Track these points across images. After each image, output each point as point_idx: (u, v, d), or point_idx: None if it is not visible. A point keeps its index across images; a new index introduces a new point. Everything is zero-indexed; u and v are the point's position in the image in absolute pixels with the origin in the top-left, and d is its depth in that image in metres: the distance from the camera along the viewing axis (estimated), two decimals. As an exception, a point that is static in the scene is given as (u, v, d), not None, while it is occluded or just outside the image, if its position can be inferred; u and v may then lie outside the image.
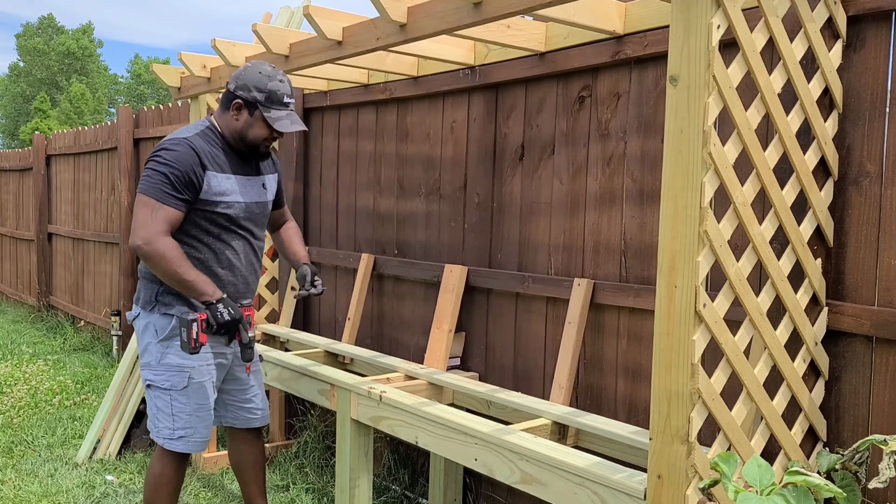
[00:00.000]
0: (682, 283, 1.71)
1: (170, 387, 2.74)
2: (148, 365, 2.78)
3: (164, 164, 2.63)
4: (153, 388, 2.78)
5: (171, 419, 2.76)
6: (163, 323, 2.75)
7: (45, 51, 49.61)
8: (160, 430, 2.77)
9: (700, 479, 1.75)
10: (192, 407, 2.77)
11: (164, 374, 2.75)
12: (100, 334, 7.38)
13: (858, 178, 2.12)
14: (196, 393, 2.77)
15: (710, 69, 1.66)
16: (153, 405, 2.79)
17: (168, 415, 2.76)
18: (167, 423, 2.76)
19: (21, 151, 9.81)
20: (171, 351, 2.74)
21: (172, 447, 2.77)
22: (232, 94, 2.74)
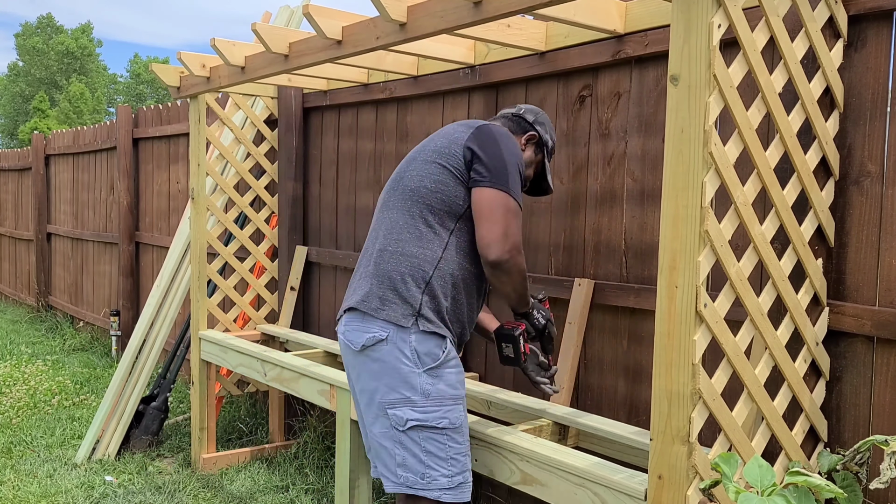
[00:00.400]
0: (683, 282, 1.70)
1: (447, 425, 2.21)
2: (408, 401, 2.20)
3: (517, 162, 2.27)
4: (421, 429, 2.20)
5: (448, 464, 2.22)
6: (428, 346, 2.22)
7: (45, 50, 49.61)
8: (435, 481, 2.20)
9: (701, 479, 1.75)
10: (467, 445, 2.28)
11: (439, 411, 2.21)
12: (99, 334, 7.37)
13: (859, 178, 2.12)
14: (466, 427, 2.30)
15: (711, 68, 1.65)
16: (420, 450, 2.20)
17: (445, 460, 2.21)
18: (445, 471, 2.21)
19: (20, 151, 9.80)
20: (441, 381, 2.22)
21: (452, 498, 2.22)
22: (530, 125, 2.48)
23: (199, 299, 4.09)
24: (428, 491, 2.20)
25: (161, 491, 3.79)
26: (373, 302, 2.27)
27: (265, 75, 3.34)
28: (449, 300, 2.28)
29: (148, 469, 4.12)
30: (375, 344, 2.24)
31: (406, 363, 2.21)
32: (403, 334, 2.22)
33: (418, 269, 2.25)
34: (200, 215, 4.09)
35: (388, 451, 2.25)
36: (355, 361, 2.31)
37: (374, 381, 2.26)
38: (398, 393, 2.21)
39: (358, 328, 2.28)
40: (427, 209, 2.28)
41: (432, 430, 2.21)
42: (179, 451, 4.40)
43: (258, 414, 4.71)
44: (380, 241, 2.33)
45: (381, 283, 2.27)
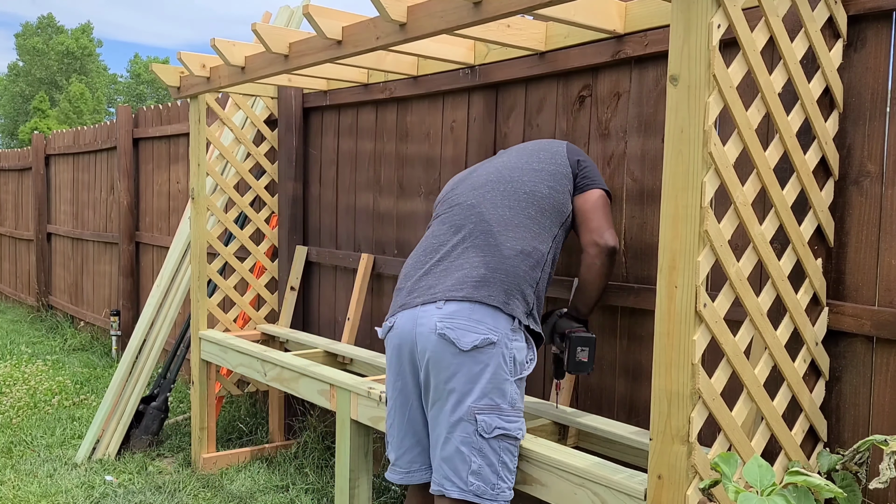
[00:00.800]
0: (683, 282, 1.70)
1: (521, 436, 2.20)
2: (497, 409, 2.14)
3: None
4: (504, 438, 2.16)
5: (513, 476, 2.21)
6: (524, 354, 2.21)
7: (45, 50, 49.61)
8: (502, 493, 2.16)
9: (700, 479, 1.75)
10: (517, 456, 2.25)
11: (518, 422, 2.19)
12: (99, 334, 7.37)
13: (859, 178, 2.12)
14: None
15: (711, 69, 1.65)
16: (497, 460, 2.15)
17: (512, 472, 2.20)
18: (510, 483, 2.19)
19: (20, 151, 9.80)
20: (522, 390, 2.22)
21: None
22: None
23: (200, 299, 4.09)
24: (495, 502, 2.16)
25: (161, 491, 3.79)
26: (498, 295, 2.16)
27: (265, 75, 3.34)
28: (540, 305, 2.30)
29: (148, 469, 4.13)
30: (486, 346, 2.13)
31: (505, 370, 2.15)
32: (510, 338, 2.16)
33: (533, 269, 2.25)
34: (200, 215, 4.09)
35: (465, 457, 2.15)
36: (453, 360, 2.15)
37: (470, 383, 2.14)
38: (490, 399, 2.14)
39: (465, 326, 2.14)
40: (540, 213, 2.33)
41: (513, 440, 2.18)
42: (179, 450, 4.40)
43: (258, 414, 4.72)
44: (493, 236, 2.28)
45: (506, 277, 2.18)
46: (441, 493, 2.17)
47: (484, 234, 2.29)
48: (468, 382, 2.14)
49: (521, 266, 2.23)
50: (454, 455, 2.16)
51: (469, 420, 2.14)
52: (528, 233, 2.28)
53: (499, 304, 2.17)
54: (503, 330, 2.15)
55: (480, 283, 2.20)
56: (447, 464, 2.17)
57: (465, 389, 2.14)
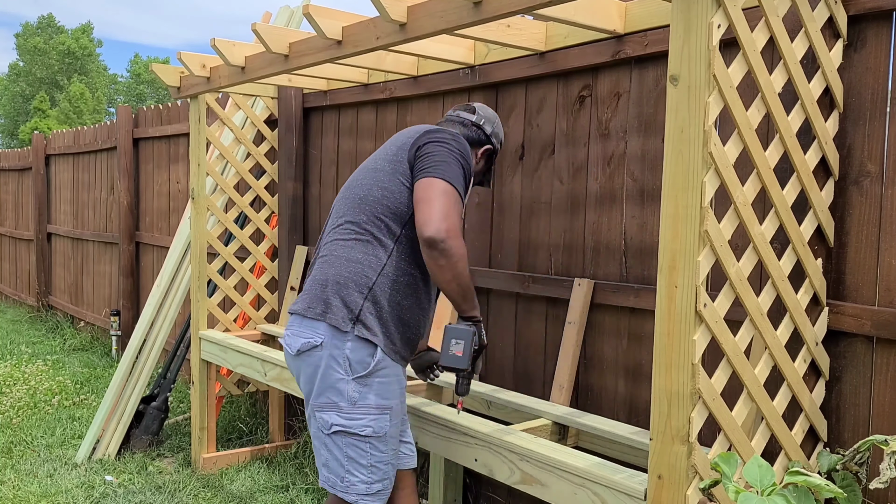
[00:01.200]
0: (683, 282, 1.70)
1: (371, 433, 2.25)
2: (335, 406, 2.25)
3: (461, 157, 2.28)
4: (345, 435, 2.25)
5: (369, 471, 2.27)
6: (360, 354, 2.24)
7: (45, 50, 49.61)
8: (353, 486, 2.27)
9: (700, 479, 1.75)
10: (390, 454, 2.32)
11: (364, 419, 2.25)
12: (99, 334, 7.38)
13: (859, 178, 2.12)
14: (393, 438, 2.32)
15: (711, 69, 1.65)
16: (342, 455, 2.26)
17: (366, 467, 2.27)
18: (363, 477, 2.26)
19: (20, 151, 9.80)
20: (369, 390, 2.25)
21: (370, 502, 2.29)
22: (487, 138, 2.52)
23: (200, 299, 4.09)
24: (346, 494, 2.27)
25: (161, 490, 3.79)
26: (317, 306, 2.28)
27: (265, 75, 3.34)
28: (393, 306, 2.27)
29: (148, 469, 4.13)
30: (311, 350, 2.26)
31: (338, 370, 2.24)
32: (339, 341, 2.23)
33: (362, 275, 2.26)
34: (200, 215, 4.09)
35: (317, 449, 2.33)
36: (293, 364, 2.37)
37: (307, 384, 2.31)
38: (326, 397, 2.26)
39: (296, 332, 2.31)
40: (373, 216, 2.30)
41: (355, 436, 2.25)
42: (180, 450, 4.40)
43: (258, 414, 4.72)
44: (326, 247, 2.36)
45: (325, 288, 2.28)
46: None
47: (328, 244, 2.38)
48: (307, 383, 2.32)
49: (346, 272, 2.27)
50: (314, 448, 2.37)
51: (313, 416, 2.31)
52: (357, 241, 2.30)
53: (316, 314, 2.27)
54: (326, 334, 2.24)
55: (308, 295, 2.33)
56: (315, 452, 2.39)
57: (307, 389, 2.33)
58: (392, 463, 2.34)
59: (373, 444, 2.27)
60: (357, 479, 2.27)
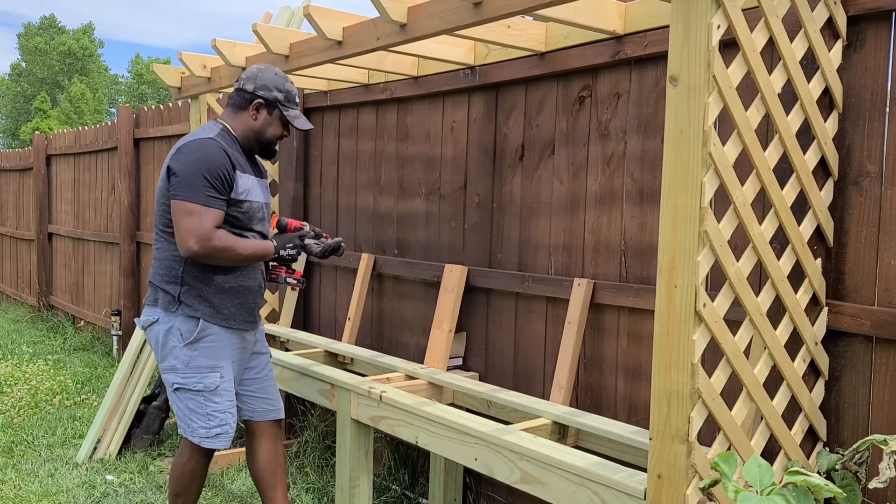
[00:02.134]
0: (682, 282, 1.71)
1: (202, 388, 2.76)
2: (173, 369, 2.77)
3: (201, 166, 2.65)
4: (183, 391, 2.77)
5: (206, 419, 2.79)
6: (188, 326, 2.75)
7: (46, 50, 49.62)
8: (195, 431, 2.79)
9: (700, 478, 1.75)
10: (225, 404, 2.81)
11: (195, 377, 2.76)
12: (100, 334, 7.38)
13: (858, 178, 2.12)
14: (227, 390, 2.81)
15: (710, 69, 1.66)
16: (184, 406, 2.79)
17: (203, 415, 2.78)
18: (202, 423, 2.79)
19: (21, 151, 9.81)
20: (198, 353, 2.76)
21: (211, 445, 2.81)
22: (251, 94, 2.80)
23: (200, 299, 4.09)
24: (192, 437, 2.81)
25: (162, 490, 3.79)
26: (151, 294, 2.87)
27: (266, 76, 3.34)
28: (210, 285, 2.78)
29: (149, 468, 4.13)
30: (151, 325, 2.82)
31: (172, 338, 2.77)
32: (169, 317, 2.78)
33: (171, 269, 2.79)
34: (201, 215, 4.09)
35: (172, 403, 2.87)
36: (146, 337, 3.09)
37: (155, 352, 2.86)
38: (167, 362, 2.79)
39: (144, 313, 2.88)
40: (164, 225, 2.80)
41: (191, 392, 2.78)
42: (180, 450, 4.41)
43: (259, 414, 4.72)
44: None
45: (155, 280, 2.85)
46: None
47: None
48: (155, 352, 2.87)
49: (159, 270, 2.83)
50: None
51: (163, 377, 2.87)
52: (161, 237, 2.83)
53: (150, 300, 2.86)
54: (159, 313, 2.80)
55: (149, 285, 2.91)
56: None
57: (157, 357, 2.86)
58: (230, 412, 2.83)
59: (206, 397, 2.78)
60: (198, 425, 2.79)
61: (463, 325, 3.45)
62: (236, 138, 2.83)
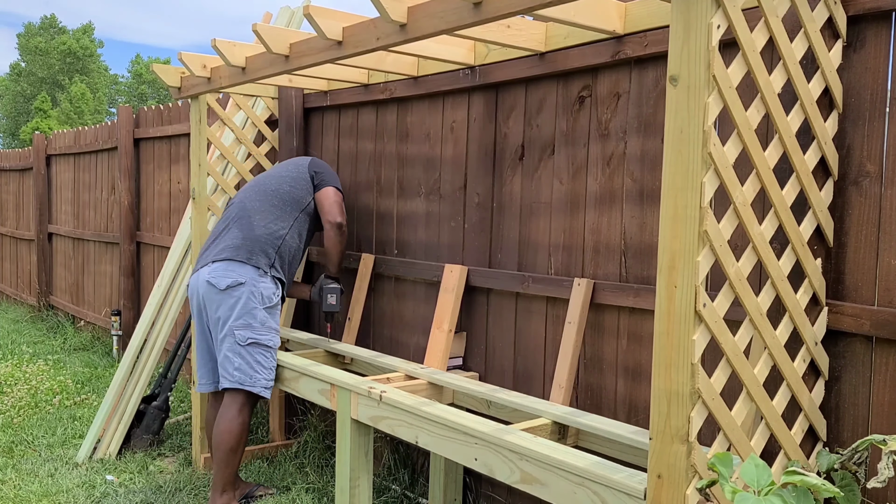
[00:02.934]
0: (682, 282, 1.71)
1: (273, 345, 3.38)
2: (249, 326, 3.33)
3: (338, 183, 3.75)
4: (258, 345, 3.34)
5: (269, 372, 3.38)
6: (270, 291, 3.41)
7: (46, 50, 49.61)
8: (258, 381, 3.33)
9: (700, 478, 1.75)
10: (274, 362, 3.45)
11: (269, 335, 3.37)
12: (100, 334, 7.38)
13: (858, 178, 2.12)
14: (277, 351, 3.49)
15: (710, 69, 1.66)
16: (252, 360, 3.32)
17: (268, 368, 3.37)
18: (265, 375, 3.37)
19: (21, 151, 9.81)
20: (274, 316, 3.42)
21: (267, 394, 3.38)
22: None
23: (200, 299, 4.09)
24: (253, 387, 3.33)
25: (162, 490, 3.79)
26: (244, 254, 3.42)
27: (266, 76, 3.35)
28: (286, 263, 3.55)
29: (149, 468, 4.13)
30: (236, 286, 3.35)
31: (254, 301, 3.37)
32: (257, 281, 3.39)
33: (275, 237, 3.52)
34: (201, 215, 4.10)
35: (229, 359, 3.34)
36: (216, 297, 3.39)
37: (230, 311, 3.35)
38: (242, 319, 3.34)
39: (222, 274, 3.38)
40: (282, 203, 3.60)
41: (264, 347, 3.37)
42: (180, 450, 4.41)
43: (259, 413, 4.72)
44: (248, 220, 3.54)
45: (252, 244, 3.45)
46: (223, 388, 3.41)
47: (242, 219, 3.57)
48: (228, 310, 3.36)
49: (263, 235, 3.48)
50: (224, 360, 3.38)
51: (230, 335, 3.35)
52: (271, 216, 3.56)
53: (243, 259, 3.41)
54: (249, 275, 3.38)
55: (233, 248, 3.45)
56: (220, 367, 3.40)
57: (227, 315, 3.36)
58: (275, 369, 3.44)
59: (272, 353, 3.41)
60: (261, 376, 3.36)
61: (463, 325, 3.45)
62: None
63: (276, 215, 3.54)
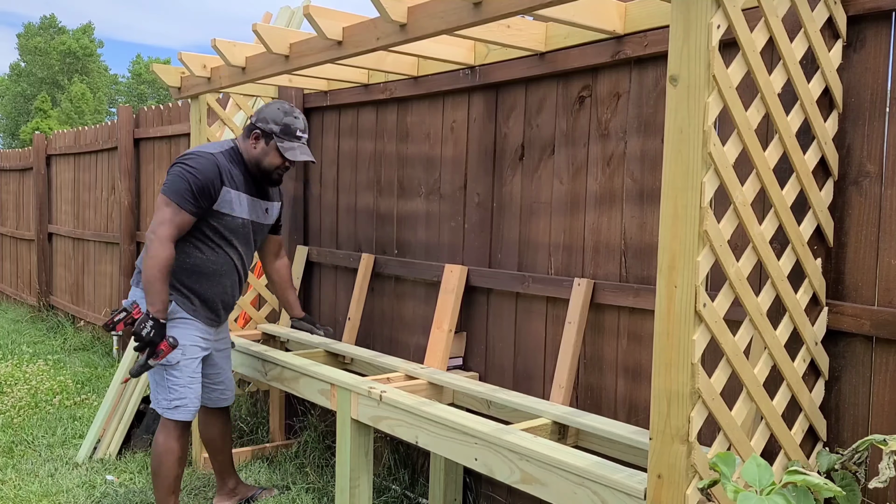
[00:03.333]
0: (682, 282, 1.71)
1: (166, 362, 3.07)
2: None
3: (189, 173, 3.02)
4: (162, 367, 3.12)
5: (167, 391, 3.13)
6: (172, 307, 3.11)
7: (46, 50, 49.60)
8: (159, 402, 3.15)
9: (700, 478, 1.75)
10: (186, 380, 3.14)
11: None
12: (100, 334, 7.38)
13: (858, 178, 2.12)
14: (187, 367, 3.14)
15: (710, 69, 1.66)
16: (153, 380, 3.16)
17: (165, 388, 3.13)
18: (164, 395, 3.14)
19: (21, 151, 9.81)
20: (178, 328, 3.11)
21: (172, 416, 3.14)
22: (253, 125, 3.18)
23: (200, 299, 4.09)
24: (157, 408, 3.17)
25: (162, 490, 3.79)
26: (134, 277, 3.23)
27: (266, 76, 3.35)
28: (184, 278, 3.15)
29: (149, 468, 4.13)
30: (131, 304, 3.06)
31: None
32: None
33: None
34: (201, 215, 4.09)
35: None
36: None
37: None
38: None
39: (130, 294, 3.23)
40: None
41: (161, 366, 3.09)
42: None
43: (259, 413, 4.72)
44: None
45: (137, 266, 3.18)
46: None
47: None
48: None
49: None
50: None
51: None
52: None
53: (134, 282, 3.21)
54: (138, 293, 3.13)
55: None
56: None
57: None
58: (189, 387, 3.14)
59: (168, 372, 3.10)
60: (161, 396, 3.14)
61: (463, 326, 3.45)
62: (244, 160, 3.21)
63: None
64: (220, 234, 3.15)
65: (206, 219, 3.10)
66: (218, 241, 3.16)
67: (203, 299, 3.19)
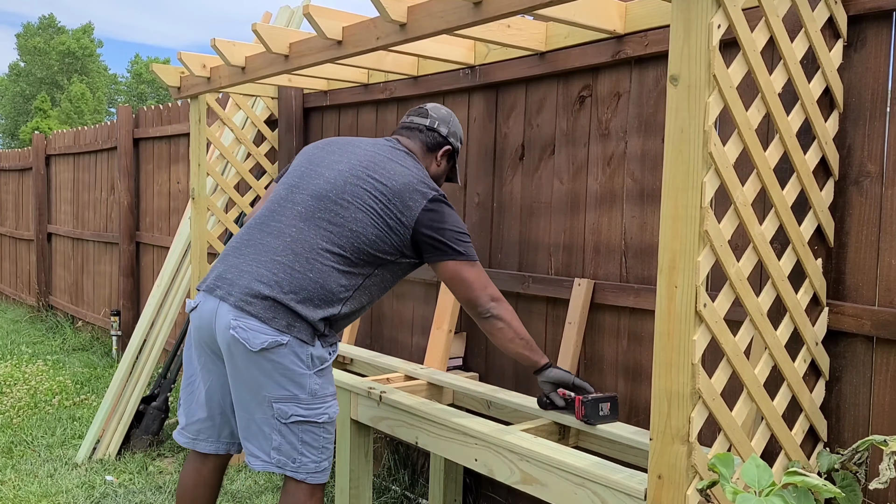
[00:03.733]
0: (683, 282, 1.70)
1: (326, 420, 2.44)
2: (295, 398, 2.36)
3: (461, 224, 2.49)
4: (304, 423, 2.40)
5: (318, 452, 2.46)
6: (323, 353, 2.41)
7: (45, 50, 49.60)
8: (304, 465, 2.43)
9: (700, 479, 1.75)
10: (334, 434, 2.54)
11: (321, 408, 2.42)
12: (99, 334, 7.38)
13: (859, 178, 2.12)
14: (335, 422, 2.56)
15: (711, 69, 1.65)
16: (296, 440, 2.40)
17: (317, 448, 2.45)
18: (314, 457, 2.45)
19: (21, 151, 9.81)
20: (326, 381, 2.44)
21: (315, 480, 2.46)
22: (444, 139, 2.62)
23: (200, 299, 4.09)
24: (296, 473, 2.42)
25: (161, 490, 3.79)
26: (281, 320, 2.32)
27: (265, 76, 3.35)
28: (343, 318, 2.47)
29: (148, 469, 4.13)
30: (275, 347, 2.31)
31: (300, 366, 2.34)
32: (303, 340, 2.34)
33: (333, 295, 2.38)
34: (201, 215, 4.09)
35: (265, 435, 2.40)
36: (247, 359, 2.33)
37: (263, 377, 2.34)
38: (286, 390, 2.35)
39: (257, 331, 2.31)
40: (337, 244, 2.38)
41: (313, 423, 2.41)
42: (180, 450, 4.40)
43: (258, 414, 4.72)
44: (302, 255, 2.39)
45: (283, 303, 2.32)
46: (249, 465, 2.47)
47: (298, 244, 2.41)
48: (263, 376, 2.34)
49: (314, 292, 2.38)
50: (257, 432, 2.41)
51: (266, 405, 2.37)
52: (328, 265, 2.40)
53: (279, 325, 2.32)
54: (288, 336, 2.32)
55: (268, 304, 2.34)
56: (248, 436, 2.45)
57: (260, 381, 2.35)
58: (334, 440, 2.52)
59: (325, 429, 2.45)
60: (308, 459, 2.43)
61: (463, 326, 3.45)
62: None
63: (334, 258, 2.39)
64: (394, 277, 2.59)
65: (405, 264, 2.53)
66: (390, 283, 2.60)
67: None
